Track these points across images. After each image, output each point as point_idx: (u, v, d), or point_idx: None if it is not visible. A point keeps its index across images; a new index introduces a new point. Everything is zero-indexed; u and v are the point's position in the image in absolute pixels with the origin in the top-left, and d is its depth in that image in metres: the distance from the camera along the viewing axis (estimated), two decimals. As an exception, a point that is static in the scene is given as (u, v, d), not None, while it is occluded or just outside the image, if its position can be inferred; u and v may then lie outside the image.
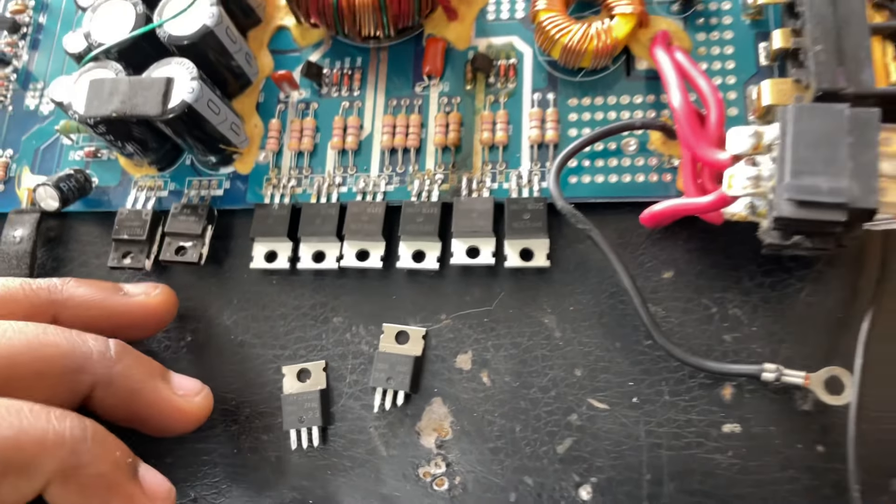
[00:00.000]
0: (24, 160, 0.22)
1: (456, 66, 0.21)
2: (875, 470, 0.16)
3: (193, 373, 0.19)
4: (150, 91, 0.18)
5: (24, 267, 0.20)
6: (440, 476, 0.18)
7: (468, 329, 0.19)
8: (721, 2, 0.20)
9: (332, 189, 0.20)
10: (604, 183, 0.19)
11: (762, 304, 0.18)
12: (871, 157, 0.15)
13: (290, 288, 0.20)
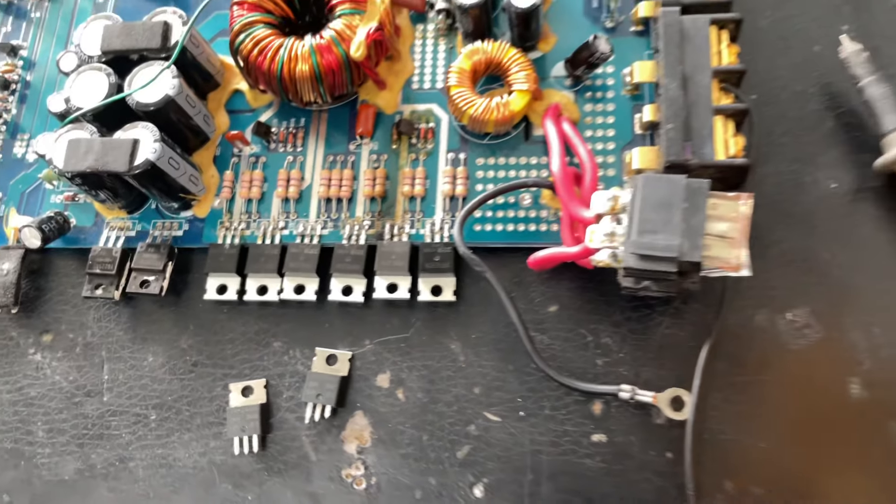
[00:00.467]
0: (12, 202, 0.25)
1: (384, 128, 0.24)
2: (712, 472, 0.20)
3: (156, 389, 0.22)
4: (119, 150, 0.21)
5: (10, 296, 0.23)
6: (359, 477, 0.21)
7: (387, 353, 0.22)
8: (606, 78, 0.23)
9: (276, 232, 0.23)
10: (503, 231, 0.22)
11: (629, 334, 0.21)
12: (699, 219, 0.19)
13: (238, 316, 0.23)
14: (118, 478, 0.22)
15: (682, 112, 0.20)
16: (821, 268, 0.21)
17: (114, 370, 0.23)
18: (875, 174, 0.21)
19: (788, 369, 0.20)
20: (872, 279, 0.20)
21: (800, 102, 0.22)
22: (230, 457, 0.22)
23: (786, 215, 0.21)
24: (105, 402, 0.23)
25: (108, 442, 0.22)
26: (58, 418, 0.23)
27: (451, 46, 0.24)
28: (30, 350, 0.24)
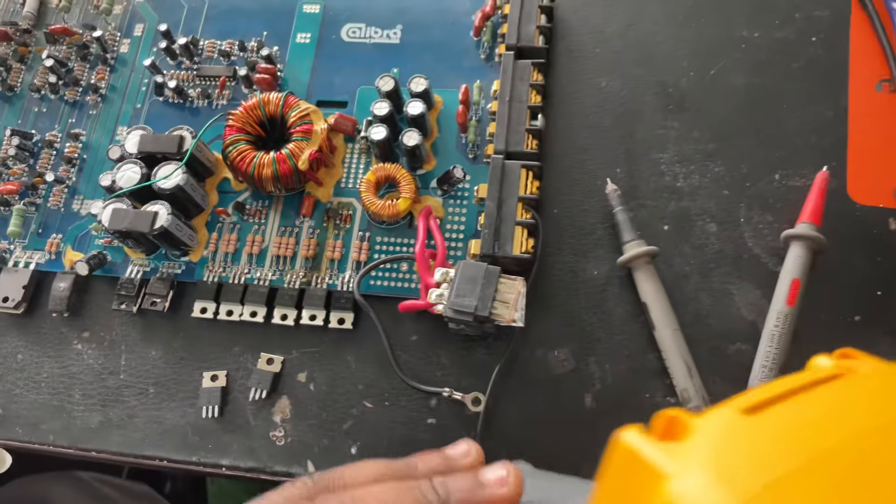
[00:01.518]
0: (68, 242, 0.37)
1: (319, 211, 0.36)
2: (496, 446, 0.31)
3: (155, 372, 0.34)
4: (145, 218, 0.33)
5: (63, 305, 0.35)
6: (281, 437, 0.33)
7: (306, 359, 0.34)
8: (464, 191, 0.35)
9: (242, 275, 0.35)
10: (387, 286, 0.34)
11: (457, 357, 0.33)
12: (491, 291, 0.30)
13: (213, 329, 0.35)
14: (126, 427, 0.33)
15: (495, 222, 0.32)
16: (580, 324, 0.33)
17: (129, 359, 0.35)
18: (620, 267, 0.33)
19: (551, 385, 0.32)
20: (609, 334, 0.32)
21: (583, 217, 0.34)
22: (200, 419, 0.33)
23: (563, 289, 0.33)
24: (121, 379, 0.34)
25: (121, 405, 0.34)
26: (89, 387, 0.34)
27: (368, 160, 0.37)
28: (74, 342, 0.35)
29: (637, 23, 0.38)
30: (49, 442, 0.34)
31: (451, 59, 0.38)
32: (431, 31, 0.39)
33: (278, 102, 0.35)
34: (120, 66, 0.40)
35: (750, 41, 0.36)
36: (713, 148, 0.34)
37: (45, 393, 0.34)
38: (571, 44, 0.38)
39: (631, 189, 0.34)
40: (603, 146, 0.35)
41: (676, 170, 0.34)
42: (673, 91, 0.36)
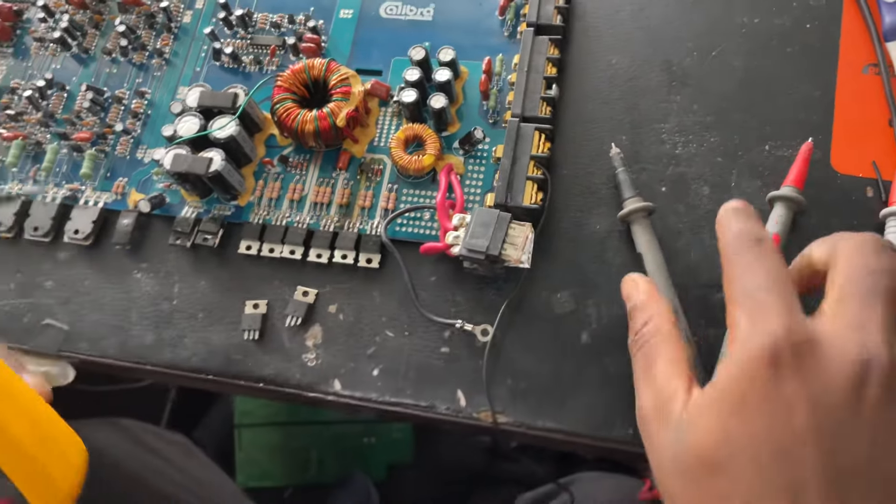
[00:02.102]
0: (132, 185, 0.41)
1: (353, 165, 0.40)
2: (501, 373, 0.35)
3: (203, 300, 0.38)
4: (202, 162, 0.38)
5: (126, 238, 0.39)
6: (312, 359, 0.37)
7: (337, 293, 0.38)
8: (483, 151, 0.39)
9: (283, 218, 0.39)
10: (411, 232, 0.38)
11: (471, 295, 0.37)
12: (501, 234, 0.34)
13: (257, 265, 0.39)
14: (177, 346, 0.38)
15: (509, 175, 0.36)
16: (581, 271, 0.36)
17: (181, 288, 0.39)
18: (619, 221, 0.37)
19: (552, 323, 0.35)
20: (607, 281, 0.36)
21: (588, 178, 0.38)
22: (241, 341, 0.37)
23: (568, 240, 0.37)
24: (174, 304, 0.39)
25: (173, 327, 0.38)
26: (146, 311, 0.39)
27: (399, 123, 0.41)
28: (134, 271, 0.40)
29: (647, 7, 0.41)
30: (109, 356, 0.38)
31: (477, 35, 0.42)
32: (460, 9, 0.43)
33: (322, 66, 0.39)
34: (182, 34, 0.45)
35: (749, 26, 0.39)
36: (710, 120, 0.38)
37: (108, 314, 0.39)
38: (587, 24, 0.41)
39: (633, 154, 0.38)
40: (610, 116, 0.39)
41: (676, 139, 0.38)
42: (677, 69, 0.39)
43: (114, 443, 0.52)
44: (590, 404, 0.34)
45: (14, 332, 0.39)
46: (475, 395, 0.35)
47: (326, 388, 0.36)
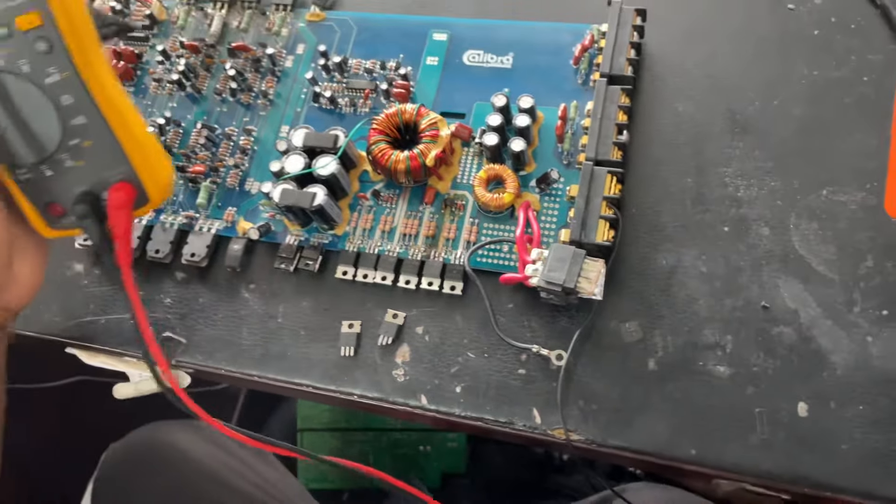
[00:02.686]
0: (241, 214, 0.46)
1: (439, 200, 0.44)
2: (573, 394, 0.38)
3: (304, 319, 0.42)
4: (306, 197, 0.42)
5: (237, 262, 0.44)
6: (401, 375, 0.41)
7: (423, 316, 0.42)
8: (558, 191, 0.43)
9: (375, 247, 0.43)
10: (492, 262, 0.42)
11: (546, 321, 0.40)
12: (577, 268, 0.37)
13: (351, 289, 0.43)
14: (281, 360, 0.42)
15: (583, 214, 0.39)
16: (648, 303, 0.39)
17: (285, 307, 0.44)
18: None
19: (621, 350, 0.39)
20: (672, 313, 0.39)
21: (656, 217, 0.41)
22: (338, 358, 0.42)
23: (636, 273, 0.40)
24: (278, 322, 0.43)
25: (278, 342, 0.43)
26: (254, 327, 0.43)
27: (480, 162, 0.44)
28: (243, 291, 0.44)
29: (712, 58, 0.44)
30: (221, 367, 0.43)
31: (554, 82, 0.45)
32: (538, 58, 0.46)
33: (413, 111, 0.44)
34: (285, 78, 0.49)
35: (809, 78, 0.42)
36: (771, 166, 0.41)
37: (220, 329, 0.44)
38: (655, 73, 0.45)
39: (698, 196, 0.41)
40: (676, 160, 0.42)
41: (738, 182, 0.41)
42: (739, 117, 0.42)
43: (196, 443, 0.57)
44: (655, 426, 0.37)
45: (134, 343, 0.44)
46: (549, 413, 0.38)
47: (413, 402, 0.40)
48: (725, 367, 0.37)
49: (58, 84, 0.34)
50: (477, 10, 0.49)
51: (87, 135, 0.35)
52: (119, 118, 0.35)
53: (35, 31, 0.33)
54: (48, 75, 0.33)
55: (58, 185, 0.36)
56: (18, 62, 0.33)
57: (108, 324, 0.45)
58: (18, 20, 0.32)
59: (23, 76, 0.33)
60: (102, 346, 0.44)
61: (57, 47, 0.33)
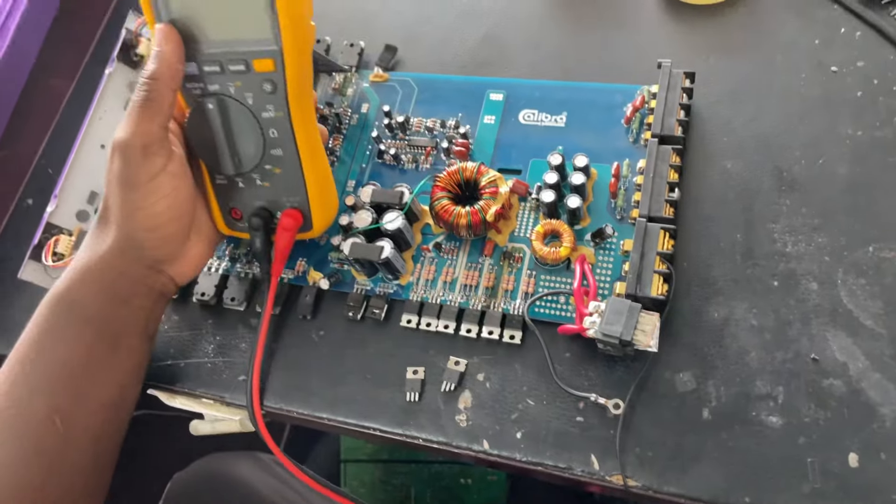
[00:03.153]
0: (311, 264, 0.49)
1: (497, 252, 0.46)
2: (630, 442, 0.40)
3: (374, 364, 0.45)
4: (374, 250, 0.45)
5: (309, 310, 0.47)
6: (464, 420, 0.43)
7: (484, 363, 0.44)
8: (612, 244, 0.45)
9: (438, 297, 0.46)
10: (549, 313, 0.44)
11: (603, 369, 0.42)
12: (633, 321, 0.40)
13: (415, 336, 0.46)
14: (350, 403, 0.45)
15: (638, 269, 0.42)
16: (702, 354, 0.41)
17: (353, 353, 0.46)
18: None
19: (676, 400, 0.40)
20: (725, 364, 0.41)
21: (707, 271, 0.43)
22: (404, 402, 0.44)
23: (690, 325, 0.42)
24: (348, 367, 0.46)
25: (347, 386, 0.45)
26: (324, 372, 0.46)
27: (536, 216, 0.47)
28: (313, 337, 0.47)
29: (759, 118, 0.46)
30: (293, 409, 0.46)
31: (606, 140, 0.48)
32: (591, 117, 0.49)
33: (473, 169, 0.46)
34: (351, 135, 0.53)
35: (853, 138, 0.44)
36: (818, 222, 0.43)
37: (292, 373, 0.46)
38: (704, 132, 0.47)
39: (747, 250, 0.43)
40: (726, 216, 0.44)
41: (786, 238, 0.43)
42: (786, 175, 0.44)
43: (256, 474, 0.59)
44: (710, 473, 0.38)
45: (215, 385, 0.47)
46: (607, 459, 0.40)
47: (476, 447, 0.42)
48: (777, 417, 0.39)
49: (271, 119, 0.42)
50: (531, 71, 0.52)
51: (279, 164, 0.43)
52: (309, 158, 0.43)
53: (266, 74, 0.40)
54: (265, 110, 0.41)
55: (244, 196, 0.45)
56: (245, 94, 0.41)
57: (186, 367, 0.48)
58: (256, 62, 0.40)
59: (246, 106, 0.42)
60: (182, 389, 0.47)
61: (279, 91, 0.41)
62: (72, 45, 0.63)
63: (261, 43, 0.39)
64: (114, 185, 0.41)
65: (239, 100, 0.41)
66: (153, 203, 0.41)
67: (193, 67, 0.41)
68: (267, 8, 0.38)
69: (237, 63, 0.40)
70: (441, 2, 0.57)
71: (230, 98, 0.41)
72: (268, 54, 0.40)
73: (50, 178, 0.57)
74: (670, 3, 0.52)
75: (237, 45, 0.40)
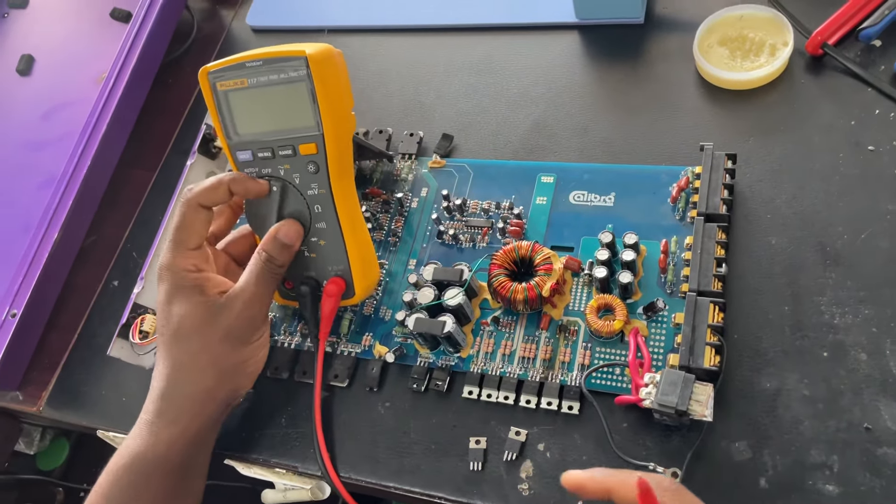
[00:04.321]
0: (377, 338, 0.52)
1: (553, 326, 0.49)
2: (689, 511, 0.42)
3: (440, 435, 0.48)
4: (437, 325, 0.48)
5: (375, 382, 0.50)
6: (526, 489, 0.45)
7: (544, 433, 0.46)
8: (664, 317, 0.47)
9: (498, 369, 0.49)
10: (605, 384, 0.46)
11: (659, 438, 0.44)
12: (688, 392, 0.42)
13: (477, 407, 0.48)
14: (415, 472, 0.47)
15: (690, 342, 0.44)
16: (756, 424, 0.43)
17: (416, 423, 0.49)
18: (787, 382, 0.43)
19: (733, 469, 0.42)
20: (780, 433, 0.42)
21: (757, 342, 0.45)
22: (467, 471, 0.46)
23: (743, 397, 0.44)
24: (412, 437, 0.48)
25: (412, 456, 0.48)
26: (390, 442, 0.49)
27: (590, 291, 0.50)
28: (379, 408, 0.50)
29: (800, 196, 0.49)
30: (362, 479, 0.48)
31: (653, 218, 0.51)
32: (638, 197, 0.52)
33: (528, 248, 0.50)
34: (411, 217, 0.57)
35: (894, 213, 0.46)
36: (863, 294, 0.45)
37: (360, 443, 0.49)
38: (748, 210, 0.50)
39: (796, 323, 0.45)
40: (773, 289, 0.46)
41: (833, 310, 0.45)
42: (830, 250, 0.46)
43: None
44: (771, 542, 0.40)
45: (286, 455, 0.50)
46: (667, 527, 0.41)
47: (539, 515, 0.44)
48: (834, 486, 0.40)
49: (315, 196, 0.48)
50: (580, 155, 0.56)
51: (324, 236, 0.49)
52: (351, 230, 0.48)
53: (310, 157, 0.47)
54: (310, 188, 0.48)
55: (294, 267, 0.49)
56: (293, 175, 0.48)
57: (260, 438, 0.51)
58: (301, 146, 0.46)
59: (294, 185, 0.48)
60: (257, 458, 0.50)
61: (322, 171, 0.47)
62: (154, 139, 0.69)
63: (305, 130, 0.46)
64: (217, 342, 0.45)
65: (288, 180, 0.48)
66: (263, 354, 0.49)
67: (249, 155, 0.48)
68: (311, 102, 0.45)
69: (286, 148, 0.47)
70: (493, 93, 0.62)
71: (280, 179, 0.47)
72: (311, 139, 0.46)
73: (134, 262, 0.62)
74: (711, 89, 0.56)
75: (286, 134, 0.47)
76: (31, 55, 0.75)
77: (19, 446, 0.67)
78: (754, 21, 0.56)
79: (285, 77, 0.45)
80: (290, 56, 0.44)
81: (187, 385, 0.45)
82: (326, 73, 0.45)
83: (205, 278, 0.45)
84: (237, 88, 0.46)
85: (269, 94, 0.45)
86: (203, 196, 0.46)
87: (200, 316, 0.44)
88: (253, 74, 0.45)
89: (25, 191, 0.65)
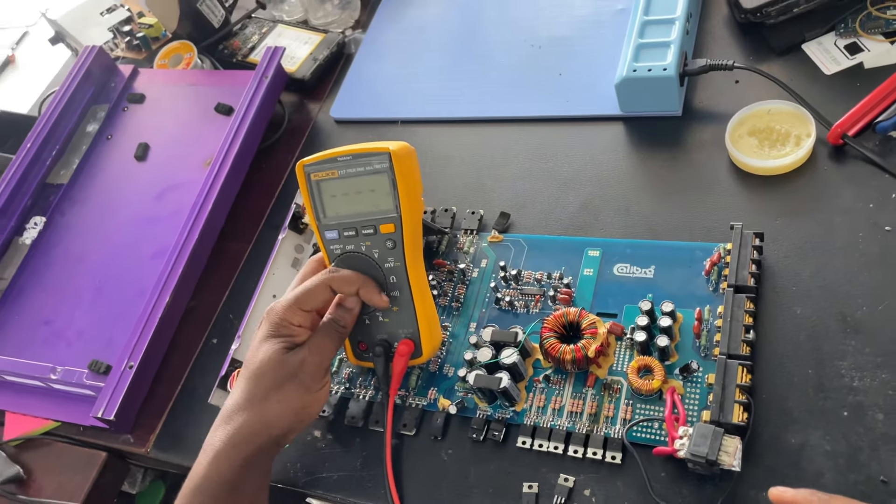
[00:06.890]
0: (441, 392, 0.59)
1: (598, 384, 0.55)
2: (721, 553, 0.46)
3: (496, 481, 0.53)
4: (495, 381, 0.55)
5: (439, 431, 0.57)
6: (572, 530, 0.50)
7: (590, 481, 0.51)
8: (697, 377, 0.53)
9: (548, 422, 0.55)
10: (646, 437, 0.51)
11: (694, 486, 0.49)
12: (717, 444, 0.47)
13: (529, 456, 0.54)
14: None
15: (720, 399, 0.49)
16: (783, 476, 0.47)
17: (476, 470, 0.55)
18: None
19: (760, 515, 0.46)
20: (803, 484, 0.46)
21: (782, 402, 0.50)
22: (520, 512, 0.52)
23: (769, 450, 0.48)
24: (471, 482, 0.54)
25: (471, 499, 0.54)
26: (451, 486, 0.55)
27: (631, 353, 0.56)
28: (442, 455, 0.56)
29: (823, 270, 0.54)
30: (426, 517, 0.54)
31: (689, 289, 0.57)
32: (674, 270, 0.58)
33: (576, 313, 0.56)
34: (472, 285, 0.64)
35: (910, 286, 0.51)
36: (881, 360, 0.49)
37: (424, 486, 0.55)
38: (776, 283, 0.55)
39: (818, 384, 0.50)
40: (798, 354, 0.51)
41: (853, 374, 0.49)
42: (850, 319, 0.51)
43: None
44: (795, 583, 0.44)
45: (361, 495, 0.56)
46: (701, 568, 0.46)
47: (586, 554, 0.49)
48: (858, 534, 0.44)
49: (391, 268, 0.55)
50: (623, 231, 0.63)
51: (397, 303, 0.55)
52: (420, 298, 0.55)
53: (388, 235, 0.54)
54: (387, 262, 0.55)
55: (369, 331, 0.57)
56: (373, 250, 0.55)
57: (339, 479, 0.58)
58: (381, 226, 0.54)
59: (373, 259, 0.55)
60: (334, 498, 0.57)
61: (398, 246, 0.54)
62: (249, 215, 0.79)
63: (386, 212, 0.53)
64: (286, 383, 0.51)
65: (368, 255, 0.55)
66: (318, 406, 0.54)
67: (335, 234, 0.55)
68: (392, 189, 0.53)
69: (368, 228, 0.54)
70: (546, 176, 0.70)
71: (362, 254, 0.55)
72: (390, 220, 0.53)
73: (230, 323, 0.71)
74: (741, 174, 0.62)
75: (368, 216, 0.54)
76: (147, 143, 0.87)
77: (123, 486, 0.75)
78: (781, 114, 0.62)
79: (371, 168, 0.53)
80: (377, 152, 0.53)
81: (252, 413, 0.51)
82: (405, 165, 0.53)
83: (301, 332, 0.53)
84: (329, 178, 0.55)
85: (356, 182, 0.54)
86: (336, 284, 0.53)
87: (277, 359, 0.52)
88: (343, 167, 0.54)
89: (141, 260, 0.76)
